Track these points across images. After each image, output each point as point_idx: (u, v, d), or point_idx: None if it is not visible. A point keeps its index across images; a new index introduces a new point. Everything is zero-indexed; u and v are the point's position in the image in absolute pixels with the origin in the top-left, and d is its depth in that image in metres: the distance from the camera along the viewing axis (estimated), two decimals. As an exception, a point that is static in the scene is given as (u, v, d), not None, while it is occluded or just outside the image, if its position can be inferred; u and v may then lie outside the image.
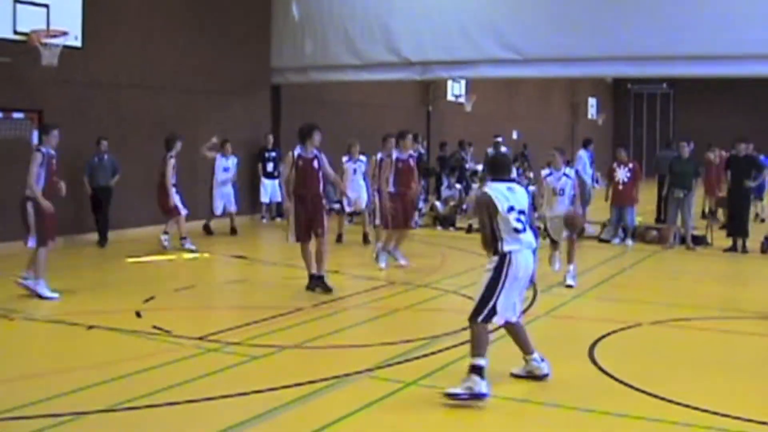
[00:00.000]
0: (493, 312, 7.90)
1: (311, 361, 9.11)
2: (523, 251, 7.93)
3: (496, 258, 7.84)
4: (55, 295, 11.88)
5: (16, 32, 16.13)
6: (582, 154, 24.15)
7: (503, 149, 25.07)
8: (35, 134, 17.15)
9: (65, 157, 14.51)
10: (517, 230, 7.81)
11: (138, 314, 10.87)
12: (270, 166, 22.83)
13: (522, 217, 7.90)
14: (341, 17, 22.97)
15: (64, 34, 16.48)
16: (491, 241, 7.85)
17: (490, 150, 23.56)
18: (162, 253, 16.47)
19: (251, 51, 23.84)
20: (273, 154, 23.09)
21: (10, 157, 15.90)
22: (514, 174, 10.40)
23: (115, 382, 8.09)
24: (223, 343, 9.55)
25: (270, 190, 22.68)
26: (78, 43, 16.97)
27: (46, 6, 16.46)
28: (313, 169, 12.86)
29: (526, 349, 8.42)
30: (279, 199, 22.91)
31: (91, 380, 8.08)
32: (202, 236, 18.74)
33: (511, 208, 7.81)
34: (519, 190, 8.07)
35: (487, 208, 7.81)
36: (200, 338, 9.70)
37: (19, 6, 16.12)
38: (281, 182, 13.24)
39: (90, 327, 10.27)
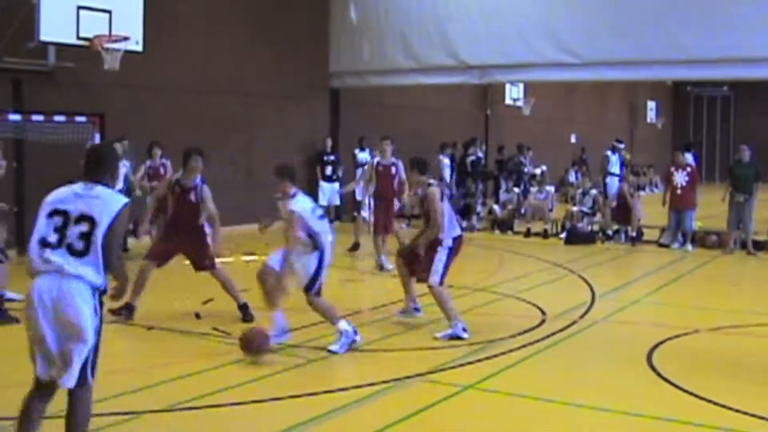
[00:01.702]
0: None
1: (368, 364, 9.15)
2: None
3: None
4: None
5: (79, 38, 16.37)
6: (609, 154, 23.66)
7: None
8: (97, 138, 17.41)
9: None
10: None
11: (197, 316, 10.99)
12: (329, 170, 22.94)
13: None
14: (399, 21, 23.02)
15: (126, 39, 16.69)
16: None
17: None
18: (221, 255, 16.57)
19: (310, 55, 23.98)
20: (331, 157, 23.20)
21: (72, 161, 16.11)
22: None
23: (173, 383, 8.18)
24: (278, 344, 9.61)
25: (328, 193, 22.75)
26: (139, 48, 17.18)
27: (109, 12, 16.69)
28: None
29: None
30: (338, 203, 23.06)
31: (150, 381, 8.19)
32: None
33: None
34: None
35: None
36: (260, 341, 9.77)
37: (82, 12, 16.36)
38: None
39: (149, 328, 10.41)
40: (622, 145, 24.54)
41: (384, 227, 15.48)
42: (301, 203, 9.61)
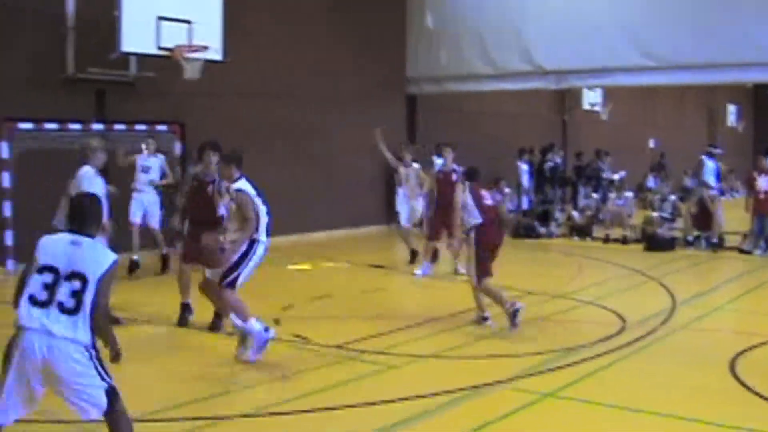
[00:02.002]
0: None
1: (448, 371, 9.15)
2: None
3: None
4: None
5: (160, 48, 16.63)
6: (705, 160, 23.04)
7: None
8: (178, 147, 17.68)
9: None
10: None
11: (277, 321, 11.07)
12: (406, 177, 22.92)
13: None
14: (475, 26, 22.94)
15: (205, 48, 16.92)
16: None
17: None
18: (300, 262, 16.73)
19: (387, 61, 24.04)
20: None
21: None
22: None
23: (254, 389, 8.27)
24: (361, 351, 9.65)
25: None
26: (219, 57, 17.41)
27: (188, 22, 16.94)
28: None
29: None
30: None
31: (231, 386, 8.28)
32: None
33: None
34: None
35: None
36: (338, 346, 9.83)
37: (162, 23, 16.62)
38: None
39: (230, 333, 10.51)
40: (718, 151, 23.95)
41: (447, 233, 15.49)
42: (247, 185, 9.71)
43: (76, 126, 17.16)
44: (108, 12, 16.24)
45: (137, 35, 16.34)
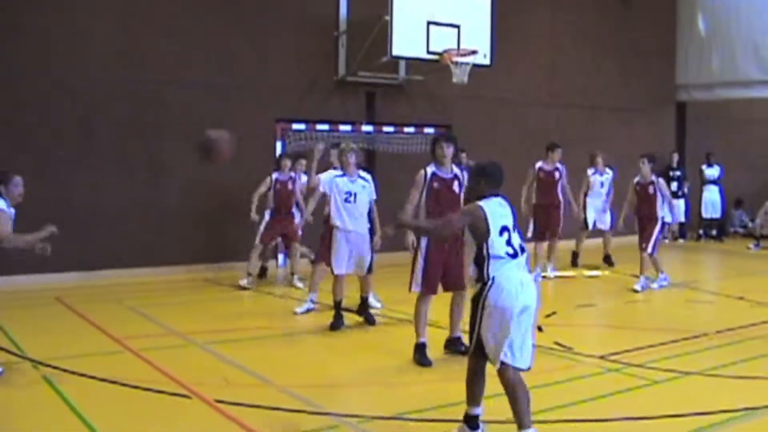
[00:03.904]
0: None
1: (716, 390, 8.71)
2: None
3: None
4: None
5: (429, 52, 16.83)
6: None
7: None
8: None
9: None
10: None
11: (539, 328, 10.95)
12: (674, 186, 22.31)
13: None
14: (750, 30, 21.99)
15: (474, 52, 16.98)
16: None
17: None
18: (562, 268, 16.52)
19: (656, 67, 23.48)
20: (678, 173, 22.61)
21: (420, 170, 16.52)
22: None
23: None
24: (624, 364, 9.38)
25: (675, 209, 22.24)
26: (487, 61, 17.44)
27: (457, 27, 17.06)
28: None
29: None
30: (682, 219, 22.35)
31: (489, 391, 8.22)
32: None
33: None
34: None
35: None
36: (601, 357, 9.60)
37: (432, 27, 16.81)
38: None
39: (539, 329, 10.46)
40: None
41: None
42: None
43: (347, 127, 17.67)
44: (379, 16, 16.60)
45: (407, 40, 16.61)
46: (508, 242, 6.57)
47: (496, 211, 6.62)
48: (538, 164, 16.26)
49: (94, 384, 8.34)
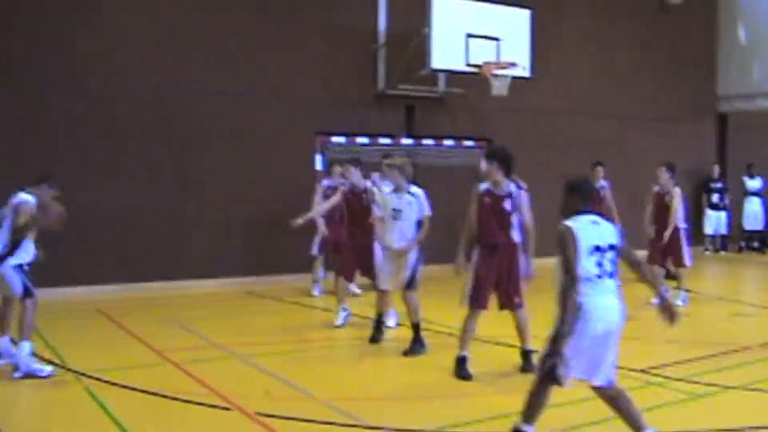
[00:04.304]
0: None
1: (758, 405, 8.63)
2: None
3: None
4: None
5: (468, 65, 16.85)
6: None
7: None
8: (483, 162, 17.81)
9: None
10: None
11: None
12: (715, 198, 22.23)
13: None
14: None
15: (513, 65, 16.98)
16: None
17: None
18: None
19: (696, 77, 23.35)
20: (719, 185, 22.46)
21: (460, 184, 16.49)
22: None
23: (556, 408, 8.13)
24: (666, 377, 9.32)
25: (715, 222, 22.10)
26: (526, 74, 17.44)
27: (497, 39, 17.07)
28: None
29: None
30: (724, 231, 22.20)
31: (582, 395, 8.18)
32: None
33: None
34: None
35: None
36: (642, 371, 9.53)
37: (471, 40, 16.83)
38: None
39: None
40: None
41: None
42: None
43: (386, 140, 17.70)
44: (418, 29, 16.64)
45: (446, 52, 16.65)
46: (599, 264, 6.40)
47: (587, 229, 6.43)
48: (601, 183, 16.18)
49: (135, 396, 8.41)
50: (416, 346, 10.67)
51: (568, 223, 6.41)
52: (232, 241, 16.47)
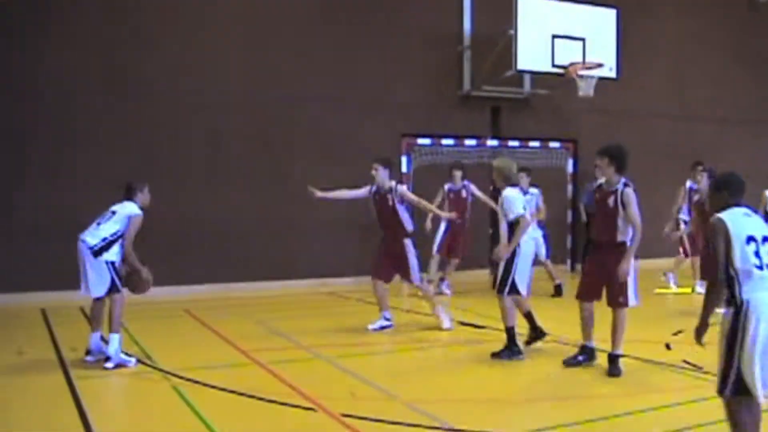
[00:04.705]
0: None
1: None
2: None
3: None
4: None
5: (554, 66, 16.73)
6: None
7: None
8: (570, 164, 17.64)
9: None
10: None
11: (668, 346, 10.73)
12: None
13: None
14: None
15: (600, 65, 16.83)
16: None
17: None
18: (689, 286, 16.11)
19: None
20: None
21: (547, 185, 16.36)
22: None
23: (641, 415, 8.02)
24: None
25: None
26: (613, 74, 17.26)
27: (582, 39, 16.94)
28: None
29: None
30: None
31: (614, 410, 8.08)
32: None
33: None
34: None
35: None
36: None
37: (557, 41, 16.73)
38: None
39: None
40: None
41: None
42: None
43: (472, 142, 17.66)
44: (504, 31, 16.57)
45: (532, 53, 16.57)
46: (756, 253, 5.90)
47: (740, 221, 6.02)
48: (688, 184, 15.76)
49: (222, 395, 8.48)
50: (506, 351, 10.38)
51: (720, 214, 6.07)
52: (315, 243, 16.61)
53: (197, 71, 15.76)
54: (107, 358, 9.61)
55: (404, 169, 17.24)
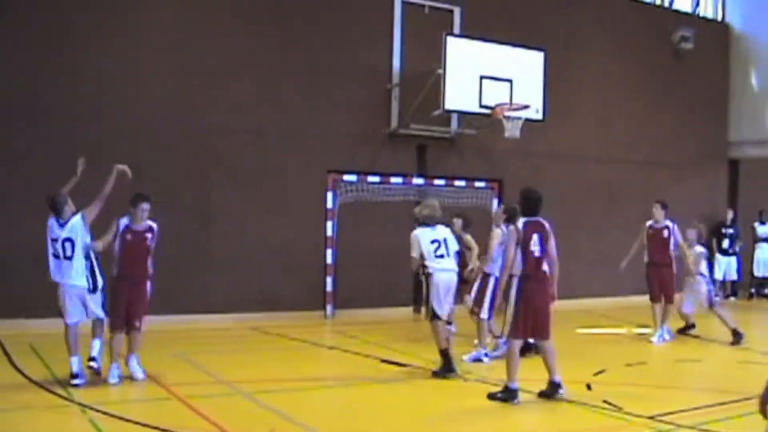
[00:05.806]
0: None
1: (769, 455, 8.52)
2: None
3: None
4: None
5: (481, 106, 16.90)
6: None
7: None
8: (495, 203, 17.78)
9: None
10: None
11: (588, 386, 10.82)
12: (725, 243, 22.19)
13: None
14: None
15: (526, 107, 17.01)
16: None
17: None
18: (613, 326, 16.32)
19: (708, 123, 23.44)
20: (730, 230, 22.42)
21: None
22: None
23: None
24: (675, 425, 9.20)
25: (724, 266, 22.06)
26: (539, 116, 17.47)
27: (510, 81, 17.12)
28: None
29: None
30: (734, 277, 22.14)
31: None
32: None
33: None
34: None
35: None
36: (650, 417, 9.43)
37: (485, 81, 16.90)
38: None
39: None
40: None
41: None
42: None
43: (398, 179, 17.73)
44: (432, 70, 16.69)
45: (460, 93, 16.72)
46: None
47: None
48: (648, 222, 15.67)
49: (138, 429, 8.34)
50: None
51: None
52: (237, 276, 16.44)
53: (119, 98, 15.47)
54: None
55: (329, 205, 17.21)
